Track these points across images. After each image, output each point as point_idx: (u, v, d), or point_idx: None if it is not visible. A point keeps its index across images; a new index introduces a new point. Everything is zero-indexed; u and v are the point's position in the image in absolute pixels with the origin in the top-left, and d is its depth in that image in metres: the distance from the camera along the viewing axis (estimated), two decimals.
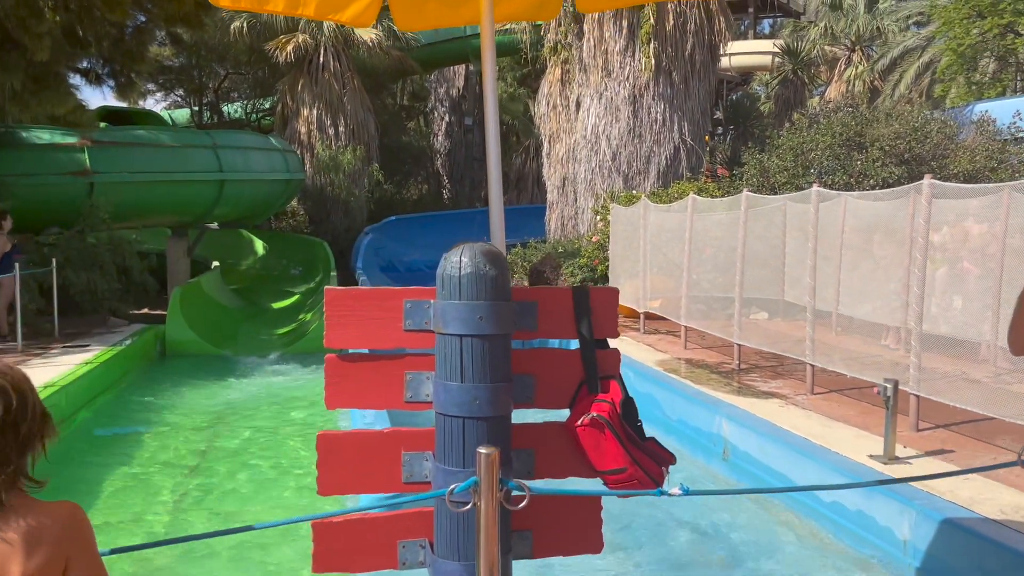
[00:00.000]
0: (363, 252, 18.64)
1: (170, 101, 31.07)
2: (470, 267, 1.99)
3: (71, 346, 10.18)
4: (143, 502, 5.91)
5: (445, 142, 29.27)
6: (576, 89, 16.50)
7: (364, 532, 2.12)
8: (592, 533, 2.23)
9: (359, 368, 2.13)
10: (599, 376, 2.17)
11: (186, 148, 15.25)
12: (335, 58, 20.95)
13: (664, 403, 7.82)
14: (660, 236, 11.20)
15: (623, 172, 15.29)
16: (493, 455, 1.87)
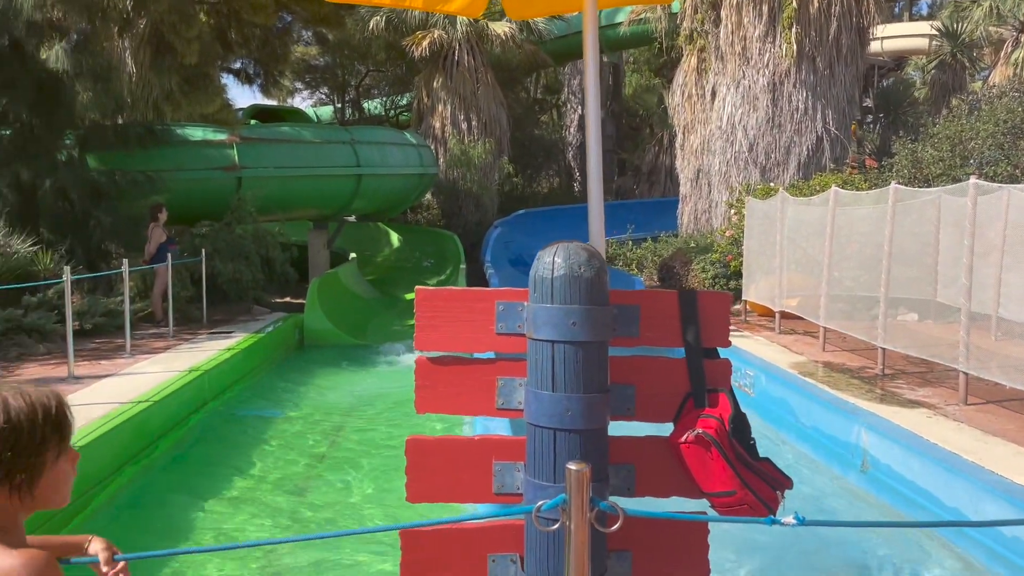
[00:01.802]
0: (492, 245, 18.79)
1: (315, 99, 32.45)
2: (564, 268, 1.86)
3: (216, 332, 10.76)
4: (272, 483, 6.13)
5: (577, 135, 29.09)
6: (712, 78, 15.93)
7: (454, 543, 2.03)
8: (698, 558, 2.05)
9: (450, 372, 2.05)
10: (707, 389, 1.98)
11: (326, 144, 15.84)
12: (469, 53, 21.18)
13: (798, 409, 7.39)
14: (799, 231, 10.62)
15: (760, 164, 14.63)
16: (584, 472, 1.73)
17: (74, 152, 12.02)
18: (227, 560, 4.61)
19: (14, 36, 10.71)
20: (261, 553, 4.72)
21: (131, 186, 11.90)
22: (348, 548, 4.70)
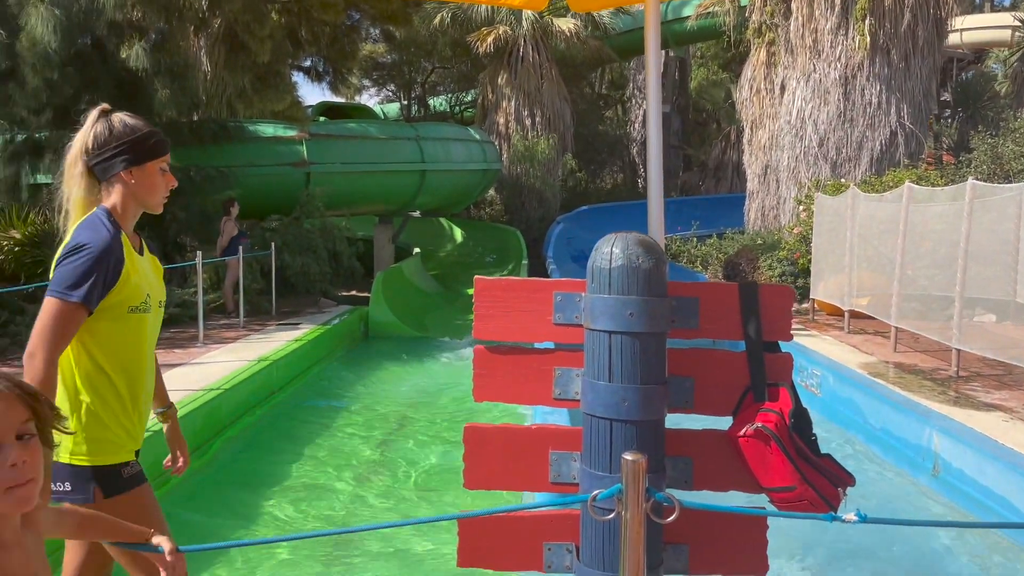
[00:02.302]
0: (554, 241, 18.78)
1: (383, 96, 32.92)
2: (622, 259, 1.86)
3: (285, 323, 11.03)
4: (335, 473, 6.26)
5: (642, 130, 28.80)
6: (781, 72, 15.60)
7: (510, 531, 2.06)
8: (756, 553, 2.02)
9: (508, 361, 2.06)
10: (767, 383, 1.95)
11: (392, 140, 16.07)
12: (534, 49, 21.20)
13: (867, 410, 7.20)
14: (870, 228, 10.33)
15: (831, 159, 14.28)
16: (639, 462, 1.73)
17: None
18: (296, 548, 4.74)
19: (96, 36, 11.16)
20: (327, 540, 4.84)
21: (205, 181, 12.27)
22: (409, 537, 4.77)
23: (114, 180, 2.35)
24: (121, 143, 2.32)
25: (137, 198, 2.39)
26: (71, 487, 2.16)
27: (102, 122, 2.32)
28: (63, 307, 2.12)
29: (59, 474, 2.16)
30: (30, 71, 10.23)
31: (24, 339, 8.78)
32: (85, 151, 2.31)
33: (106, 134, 2.31)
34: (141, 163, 2.36)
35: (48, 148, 11.68)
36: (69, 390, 2.22)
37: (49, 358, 2.09)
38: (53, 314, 2.12)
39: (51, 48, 9.98)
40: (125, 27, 11.07)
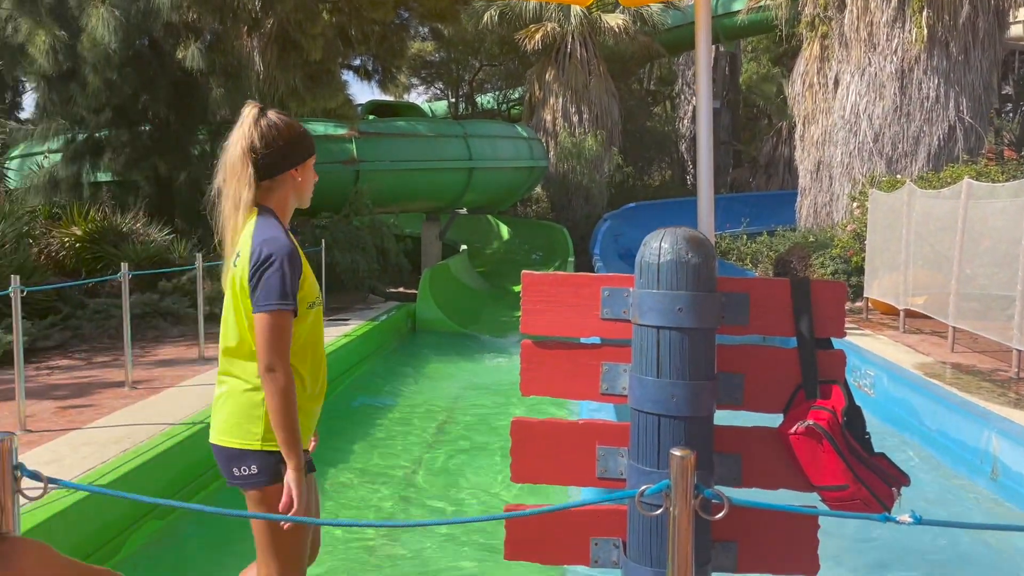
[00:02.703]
0: (601, 239, 18.70)
1: (431, 94, 33.12)
2: (671, 253, 1.84)
3: (334, 319, 11.17)
4: (384, 466, 6.33)
5: (691, 126, 28.50)
6: (835, 66, 15.28)
7: (557, 525, 2.06)
8: (807, 552, 1.99)
9: (555, 356, 2.07)
10: (819, 380, 1.92)
11: (440, 138, 16.18)
12: (582, 45, 21.12)
13: (923, 411, 7.02)
14: (927, 225, 10.07)
15: (886, 155, 13.95)
16: (688, 458, 1.72)
17: (206, 147, 12.73)
18: (345, 540, 4.80)
19: (152, 37, 11.44)
20: (375, 534, 4.90)
21: None
22: (457, 531, 4.80)
23: (280, 178, 2.42)
24: (289, 141, 2.40)
25: (298, 194, 2.49)
26: (257, 470, 2.31)
27: (264, 121, 2.38)
28: (280, 318, 2.23)
29: (246, 459, 2.31)
30: (91, 71, 10.54)
31: (85, 333, 9.05)
32: (252, 150, 2.35)
33: (273, 132, 2.38)
34: (305, 160, 2.45)
35: (108, 147, 12.02)
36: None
37: (286, 368, 2.24)
38: (275, 326, 2.23)
39: (111, 49, 10.27)
40: (181, 28, 11.32)
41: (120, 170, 12.08)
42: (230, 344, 2.38)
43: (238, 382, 2.36)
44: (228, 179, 2.37)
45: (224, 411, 2.39)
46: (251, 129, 2.36)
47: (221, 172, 2.41)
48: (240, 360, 2.36)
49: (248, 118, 2.38)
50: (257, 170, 2.37)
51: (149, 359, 8.22)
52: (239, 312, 2.33)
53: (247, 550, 4.55)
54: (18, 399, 5.48)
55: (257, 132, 2.36)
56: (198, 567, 4.56)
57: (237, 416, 2.35)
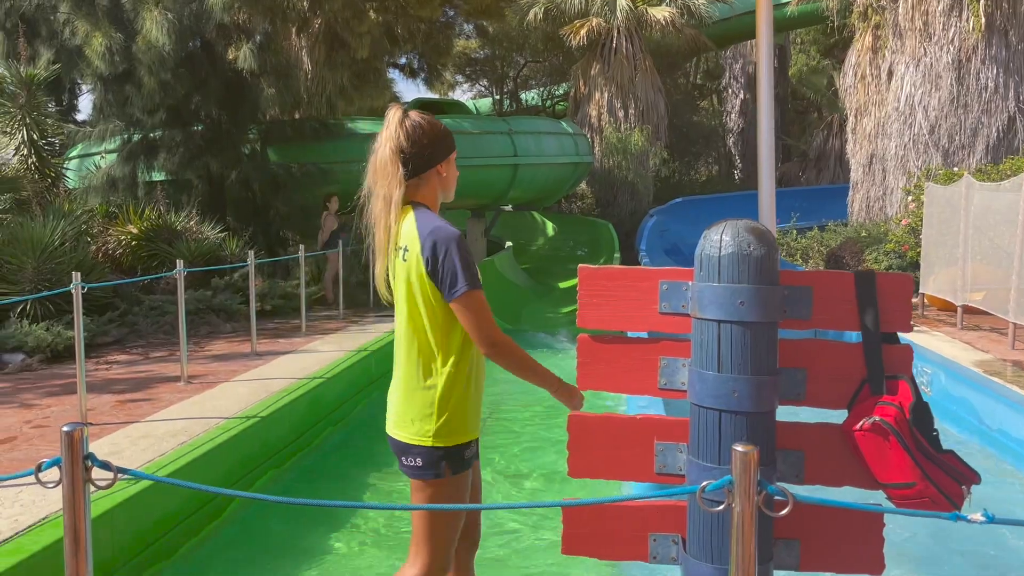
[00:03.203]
0: (647, 234, 18.55)
1: (475, 91, 33.20)
2: (732, 246, 1.81)
3: (382, 315, 11.28)
4: None
5: (739, 120, 28.17)
6: (889, 56, 14.93)
7: (614, 520, 2.04)
8: (872, 551, 1.95)
9: (612, 350, 2.05)
10: (886, 375, 1.88)
11: (485, 134, 16.19)
12: (628, 40, 20.97)
13: (982, 409, 6.84)
14: (986, 219, 9.79)
15: (942, 147, 13.60)
16: (751, 454, 1.69)
17: (256, 146, 12.94)
18: (395, 527, 4.85)
19: (205, 38, 11.66)
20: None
21: (306, 178, 12.67)
22: (509, 521, 4.81)
23: (427, 175, 2.52)
24: (433, 139, 2.52)
25: (444, 189, 2.60)
26: (422, 463, 2.40)
27: (408, 121, 2.49)
28: (475, 297, 2.33)
29: (412, 452, 2.41)
30: (146, 72, 10.78)
31: (141, 328, 9.25)
32: (400, 150, 2.45)
33: (419, 132, 2.49)
34: (448, 156, 2.58)
35: (162, 147, 12.29)
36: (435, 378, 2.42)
37: (505, 338, 2.37)
38: (475, 306, 2.33)
39: (165, 50, 10.49)
40: (232, 29, 11.52)
41: (174, 169, 12.34)
42: (404, 339, 2.48)
43: (412, 379, 2.45)
44: (379, 179, 2.47)
45: (397, 405, 2.50)
46: (398, 130, 2.46)
47: (371, 173, 2.50)
48: (415, 355, 2.44)
49: (394, 119, 2.48)
50: (406, 169, 2.46)
51: (203, 354, 8.39)
52: (413, 305, 2.42)
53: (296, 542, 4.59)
54: (80, 393, 5.63)
55: (403, 132, 2.46)
56: (255, 559, 4.64)
57: (409, 412, 2.44)
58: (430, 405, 2.40)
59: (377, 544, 4.73)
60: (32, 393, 6.70)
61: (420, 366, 2.43)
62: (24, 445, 5.18)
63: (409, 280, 2.41)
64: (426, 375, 2.41)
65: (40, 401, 6.40)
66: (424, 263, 2.36)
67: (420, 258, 2.37)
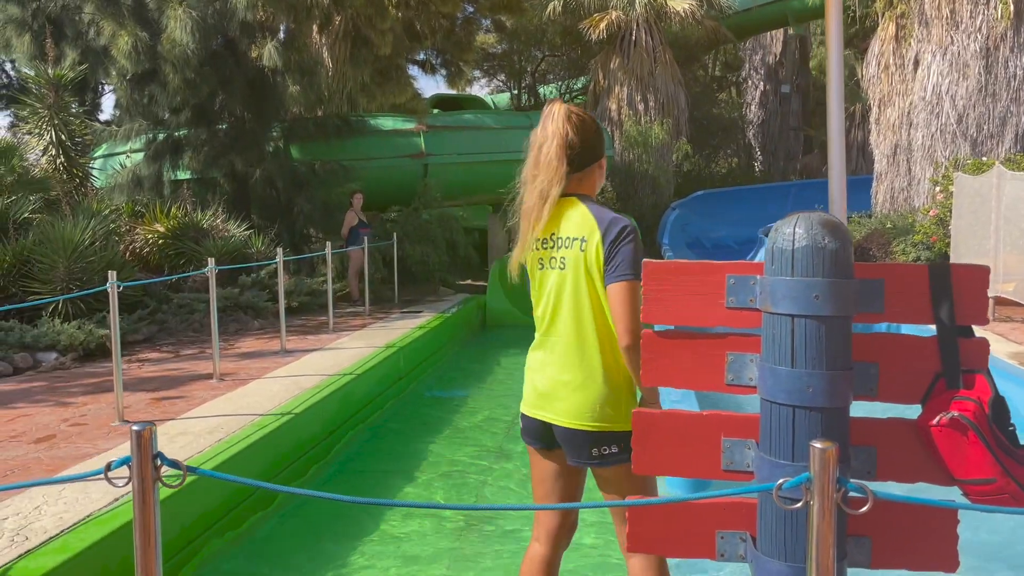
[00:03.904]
0: (669, 228, 18.44)
1: (493, 86, 33.13)
2: (806, 239, 1.78)
3: (407, 311, 11.30)
4: (464, 460, 6.36)
5: (759, 112, 27.94)
6: (915, 45, 14.75)
7: (681, 517, 2.02)
8: (946, 548, 1.92)
9: (677, 346, 2.03)
10: (962, 369, 1.84)
11: (506, 129, 16.16)
12: (647, 33, 20.84)
13: (1020, 402, 6.74)
14: (1017, 209, 9.66)
15: (970, 137, 13.42)
16: (830, 451, 1.67)
17: (280, 144, 12.99)
18: (437, 531, 4.84)
19: (228, 36, 11.70)
20: (463, 519, 4.92)
21: (329, 175, 12.71)
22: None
23: (591, 169, 2.59)
24: (598, 133, 2.59)
25: (599, 182, 2.66)
26: (618, 449, 2.48)
27: (575, 116, 2.54)
28: (636, 287, 2.39)
29: (606, 439, 2.48)
30: (171, 71, 10.84)
31: (171, 326, 9.31)
32: (569, 145, 2.50)
33: (586, 126, 2.55)
34: (605, 151, 2.66)
35: (187, 145, 12.36)
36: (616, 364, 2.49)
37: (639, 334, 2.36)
38: (637, 295, 2.37)
39: (189, 49, 10.54)
40: (255, 27, 11.56)
41: (199, 168, 12.41)
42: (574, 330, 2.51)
43: (592, 368, 2.48)
44: (541, 172, 2.50)
45: (576, 398, 2.50)
46: (565, 125, 2.51)
47: (530, 165, 2.54)
48: (592, 344, 2.49)
49: (560, 114, 2.52)
50: (571, 163, 2.51)
51: (233, 352, 8.43)
52: (593, 294, 2.47)
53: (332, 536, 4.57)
54: (117, 391, 5.67)
55: (572, 127, 2.51)
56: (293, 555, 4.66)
57: (594, 402, 2.48)
58: (616, 389, 2.47)
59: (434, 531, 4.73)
60: (67, 391, 6.76)
61: (600, 354, 2.47)
62: (64, 443, 5.22)
63: (587, 270, 2.46)
64: (606, 362, 2.47)
65: (76, 399, 6.46)
66: (604, 250, 2.42)
67: (601, 246, 2.43)
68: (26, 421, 5.78)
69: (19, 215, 9.14)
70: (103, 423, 5.67)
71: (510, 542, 4.60)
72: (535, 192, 2.50)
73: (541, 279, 2.59)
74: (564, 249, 2.50)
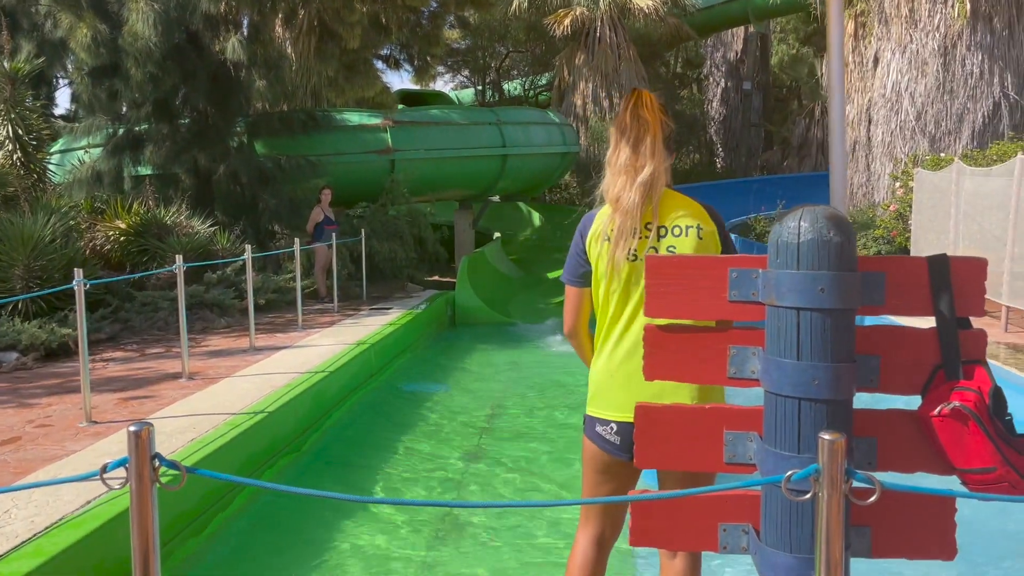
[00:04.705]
0: None
1: (456, 82, 33.01)
2: (811, 232, 1.79)
3: (376, 308, 11.22)
4: (433, 461, 6.33)
5: (720, 109, 28.24)
6: (874, 43, 15.04)
7: (684, 511, 2.02)
8: (945, 537, 1.94)
9: (679, 340, 2.03)
10: (962, 360, 1.87)
11: (473, 125, 16.12)
12: (611, 29, 20.95)
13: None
14: (975, 204, 9.90)
15: (929, 133, 13.72)
16: (838, 442, 1.68)
17: (244, 139, 12.79)
18: (411, 528, 4.81)
19: (191, 30, 11.48)
20: (437, 516, 4.90)
21: (295, 170, 12.55)
22: (536, 519, 4.79)
23: (671, 156, 2.56)
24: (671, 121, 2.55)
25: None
26: None
27: (663, 104, 2.52)
28: None
29: None
30: (133, 65, 10.60)
31: (135, 325, 9.10)
32: (669, 134, 2.50)
33: (667, 113, 2.53)
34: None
35: (148, 141, 12.11)
36: None
37: None
38: None
39: (152, 42, 10.31)
40: (219, 20, 11.36)
41: (161, 163, 12.17)
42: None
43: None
44: (648, 162, 2.44)
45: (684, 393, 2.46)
46: (656, 112, 2.48)
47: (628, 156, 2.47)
48: None
49: (656, 102, 2.49)
50: (669, 151, 2.51)
51: (200, 350, 8.29)
52: None
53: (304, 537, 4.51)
54: (84, 391, 5.53)
55: (667, 115, 2.51)
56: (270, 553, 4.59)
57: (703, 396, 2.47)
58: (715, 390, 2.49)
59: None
60: (30, 392, 6.59)
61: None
62: (30, 445, 5.08)
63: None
64: None
65: (40, 400, 6.30)
66: (720, 240, 2.45)
67: (716, 235, 2.46)
68: None
69: None
70: (70, 424, 5.54)
71: (495, 538, 4.59)
72: (638, 183, 2.43)
73: (630, 271, 2.47)
74: (671, 238, 2.46)
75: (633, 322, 2.51)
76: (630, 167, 2.46)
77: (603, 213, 2.55)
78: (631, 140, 2.47)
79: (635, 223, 2.45)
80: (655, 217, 2.47)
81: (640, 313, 2.48)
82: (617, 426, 2.53)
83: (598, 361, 2.59)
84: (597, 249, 2.54)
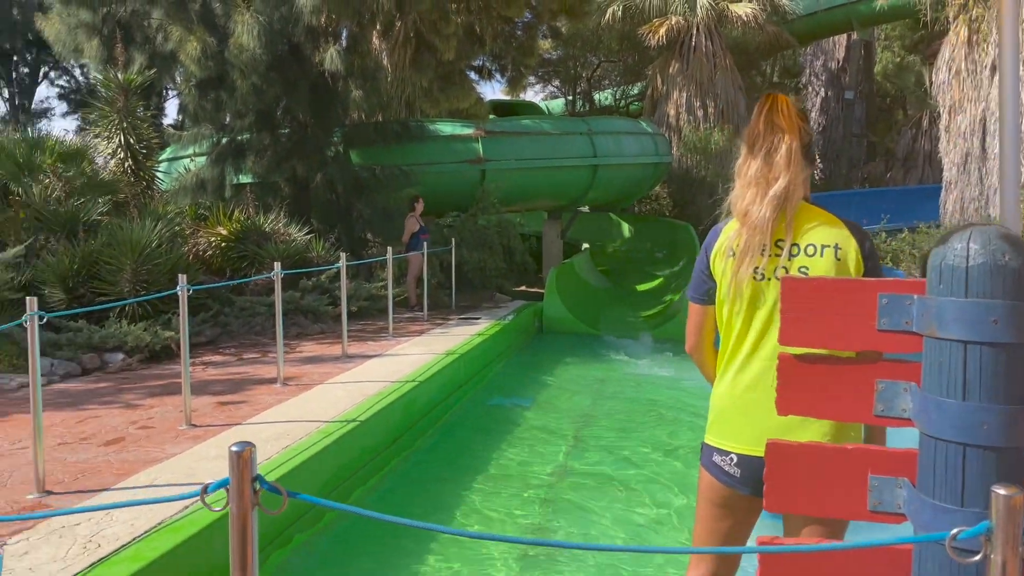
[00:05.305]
0: None
1: (547, 92, 33.01)
2: (983, 256, 1.58)
3: (465, 318, 11.19)
4: (519, 480, 6.19)
5: (820, 119, 27.31)
6: (991, 50, 14.21)
7: (821, 565, 1.82)
8: None
9: (818, 371, 1.83)
10: None
11: (564, 135, 16.00)
12: (707, 38, 20.53)
13: None
14: None
15: None
16: (1016, 498, 1.46)
17: (340, 148, 13.01)
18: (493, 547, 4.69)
19: (293, 41, 11.76)
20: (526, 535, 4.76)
21: (389, 180, 12.69)
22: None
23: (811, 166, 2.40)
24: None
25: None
26: None
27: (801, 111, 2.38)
28: None
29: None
30: (239, 76, 10.91)
31: (233, 329, 9.32)
32: (809, 143, 2.36)
33: (806, 119, 2.40)
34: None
35: (250, 150, 12.45)
36: None
37: None
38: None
39: (256, 54, 10.59)
40: (320, 32, 11.59)
41: (261, 172, 12.48)
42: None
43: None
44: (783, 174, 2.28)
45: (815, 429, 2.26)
46: (799, 119, 2.33)
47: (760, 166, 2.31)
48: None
49: (793, 109, 2.34)
50: (809, 161, 2.35)
51: (295, 356, 8.40)
52: None
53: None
54: (185, 395, 5.64)
55: (806, 122, 2.36)
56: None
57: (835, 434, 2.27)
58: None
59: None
60: (134, 393, 6.78)
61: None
62: (132, 446, 5.19)
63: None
64: None
65: (142, 401, 6.46)
66: (864, 260, 2.24)
67: (860, 255, 2.24)
68: (95, 423, 5.78)
69: (89, 217, 9.26)
70: (170, 427, 5.65)
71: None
72: (769, 196, 2.25)
73: (755, 291, 2.28)
74: (804, 258, 2.25)
75: (759, 347, 2.30)
76: (761, 179, 2.28)
77: (730, 227, 2.36)
78: (764, 149, 2.29)
79: (764, 239, 2.25)
80: (788, 234, 2.26)
81: (766, 338, 2.28)
82: (737, 458, 2.34)
83: (720, 386, 2.40)
84: (721, 265, 2.36)
